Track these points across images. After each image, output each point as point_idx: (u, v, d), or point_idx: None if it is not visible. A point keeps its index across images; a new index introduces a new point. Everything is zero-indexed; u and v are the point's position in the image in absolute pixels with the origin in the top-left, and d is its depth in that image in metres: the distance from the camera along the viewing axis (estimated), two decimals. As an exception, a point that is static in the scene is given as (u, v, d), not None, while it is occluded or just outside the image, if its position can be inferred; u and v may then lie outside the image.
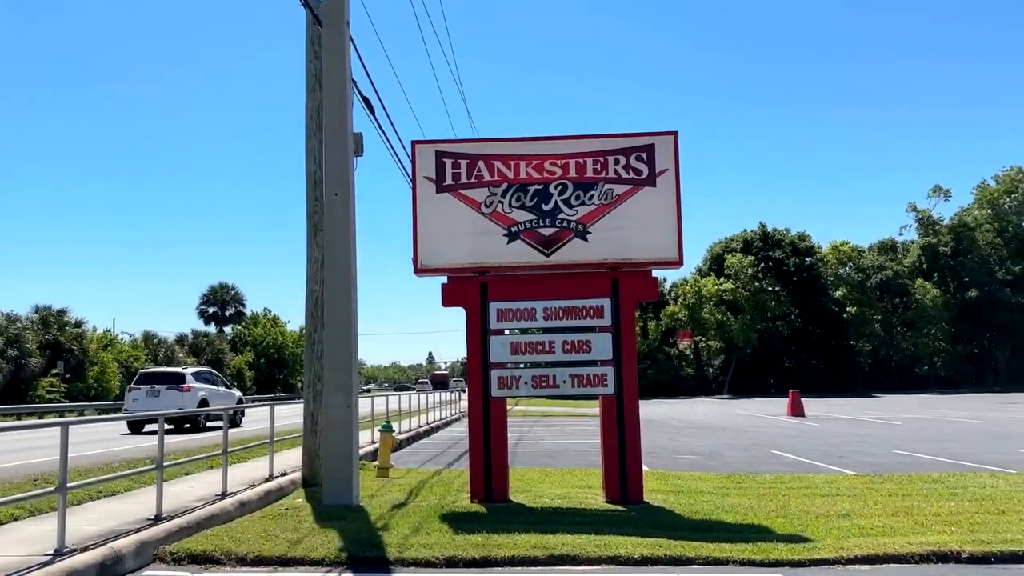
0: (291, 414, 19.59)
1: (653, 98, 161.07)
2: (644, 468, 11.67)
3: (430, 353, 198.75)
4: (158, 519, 8.70)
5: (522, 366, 11.71)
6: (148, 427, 23.99)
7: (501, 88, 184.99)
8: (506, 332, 11.41)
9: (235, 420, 26.22)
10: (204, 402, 25.22)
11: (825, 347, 62.94)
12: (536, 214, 11.24)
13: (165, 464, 9.27)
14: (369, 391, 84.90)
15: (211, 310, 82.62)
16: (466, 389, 11.78)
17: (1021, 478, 12.52)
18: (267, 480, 12.09)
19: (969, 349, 63.60)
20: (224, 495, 10.41)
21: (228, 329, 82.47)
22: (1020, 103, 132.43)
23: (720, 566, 7.70)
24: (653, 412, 34.94)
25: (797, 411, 32.54)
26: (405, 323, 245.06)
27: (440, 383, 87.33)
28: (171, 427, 23.76)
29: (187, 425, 25.53)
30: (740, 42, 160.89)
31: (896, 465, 15.34)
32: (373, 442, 17.55)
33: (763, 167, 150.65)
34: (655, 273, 11.64)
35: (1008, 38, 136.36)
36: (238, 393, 30.31)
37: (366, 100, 12.59)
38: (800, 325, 63.37)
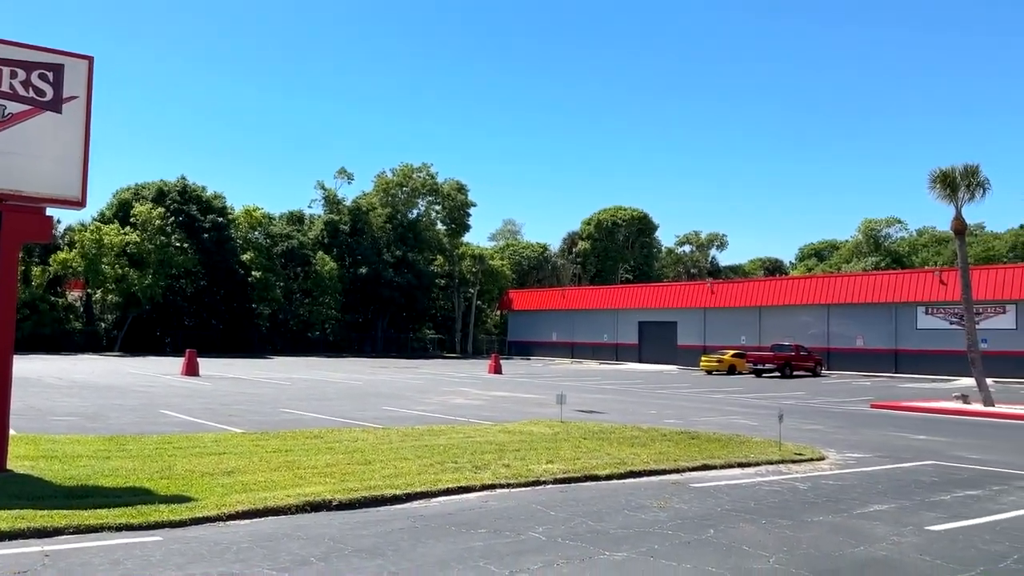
0: None
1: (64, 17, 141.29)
2: (11, 432, 10.16)
3: None
4: None
5: None
6: None
7: None
8: None
9: None
10: None
11: (228, 308, 63.66)
12: None
13: None
14: None
15: None
16: None
17: (386, 432, 14.50)
18: None
19: (356, 318, 71.37)
20: None
21: None
22: (407, 105, 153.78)
23: (94, 533, 7.16)
24: (28, 369, 30.76)
25: (192, 371, 32.23)
26: None
27: None
28: None
29: None
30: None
31: (283, 423, 16.32)
32: None
33: (192, 119, 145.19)
34: (49, 212, 10.20)
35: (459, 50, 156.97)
36: None
37: None
38: (206, 284, 62.90)
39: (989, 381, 25.38)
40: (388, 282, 67.70)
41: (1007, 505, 9.76)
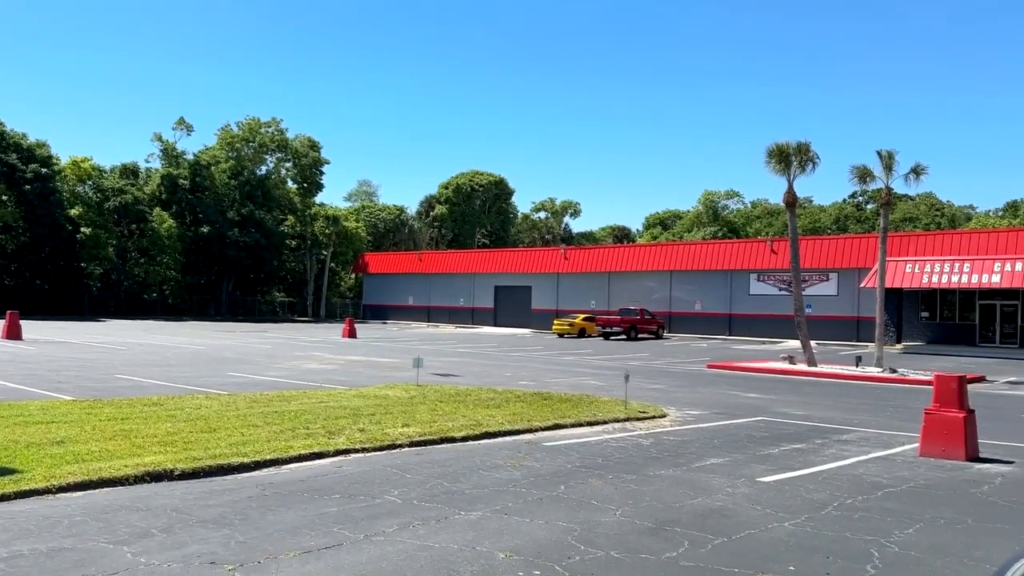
0: None
1: None
2: None
3: None
4: None
5: None
6: None
7: None
8: None
9: None
10: None
11: (54, 267, 58.73)
12: None
13: None
14: None
15: None
16: None
17: (231, 398, 13.93)
18: None
19: (197, 280, 67.70)
20: None
21: None
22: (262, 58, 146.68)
23: None
24: None
25: (14, 334, 29.66)
26: None
27: None
28: None
29: None
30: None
31: (118, 389, 15.35)
32: None
33: (7, 62, 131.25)
34: None
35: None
36: None
37: None
38: (28, 241, 57.64)
39: (813, 343, 27.58)
40: (233, 241, 64.57)
41: (828, 457, 10.67)
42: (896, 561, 6.15)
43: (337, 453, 9.58)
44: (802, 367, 25.51)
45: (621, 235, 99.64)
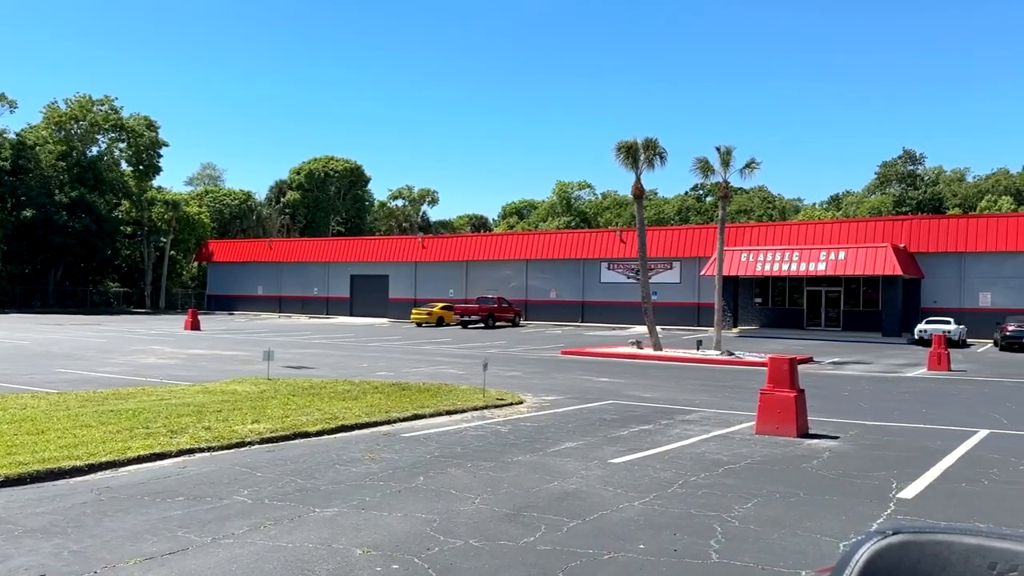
0: None
1: None
2: None
3: None
4: None
5: None
6: None
7: None
8: None
9: None
10: None
11: None
12: None
13: None
14: None
15: None
16: None
17: (61, 397, 12.90)
18: None
19: (21, 269, 62.19)
20: None
21: None
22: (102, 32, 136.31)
23: None
24: None
25: None
26: None
27: None
28: None
29: None
30: None
31: (-74, 391, 13.85)
32: None
33: None
34: None
35: None
36: None
37: None
38: None
39: (658, 328, 28.89)
40: (62, 227, 59.63)
41: (673, 437, 11.20)
42: (737, 535, 6.54)
43: (180, 453, 9.07)
44: (649, 351, 26.66)
45: (479, 224, 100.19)
